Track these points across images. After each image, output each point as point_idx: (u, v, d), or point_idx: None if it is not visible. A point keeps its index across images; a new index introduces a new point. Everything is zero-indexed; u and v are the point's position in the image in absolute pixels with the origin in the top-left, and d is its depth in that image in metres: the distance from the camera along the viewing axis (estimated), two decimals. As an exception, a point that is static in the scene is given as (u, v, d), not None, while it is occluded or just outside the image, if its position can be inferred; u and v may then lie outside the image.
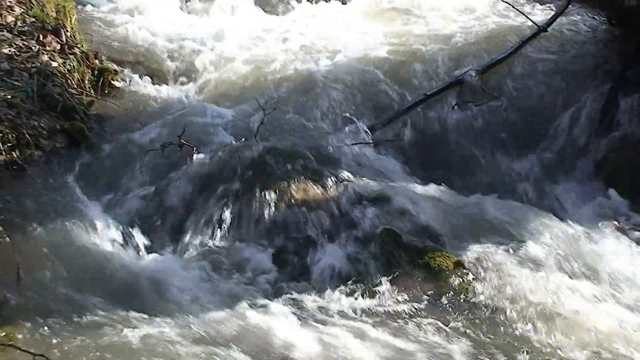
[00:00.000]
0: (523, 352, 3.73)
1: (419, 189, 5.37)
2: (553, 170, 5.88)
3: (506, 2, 7.86)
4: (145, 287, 4.09)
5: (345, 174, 5.11)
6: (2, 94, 5.25)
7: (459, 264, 4.40)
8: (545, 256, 4.40)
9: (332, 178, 5.03)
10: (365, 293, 4.25)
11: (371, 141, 5.89)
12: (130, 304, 3.84)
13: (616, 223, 4.97)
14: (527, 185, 5.79)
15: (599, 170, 5.68)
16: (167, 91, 6.44)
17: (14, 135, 4.98)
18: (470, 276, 4.31)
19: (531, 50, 6.82)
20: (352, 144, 5.73)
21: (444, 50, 6.98)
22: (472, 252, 4.51)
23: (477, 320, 4.00)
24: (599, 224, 4.86)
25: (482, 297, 4.14)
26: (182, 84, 6.73)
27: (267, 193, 4.82)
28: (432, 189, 5.40)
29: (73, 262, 4.07)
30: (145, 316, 3.75)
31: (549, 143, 6.05)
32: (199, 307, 3.97)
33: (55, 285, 3.83)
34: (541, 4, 8.24)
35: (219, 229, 4.74)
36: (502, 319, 3.98)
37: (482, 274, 4.32)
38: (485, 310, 4.06)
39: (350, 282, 4.34)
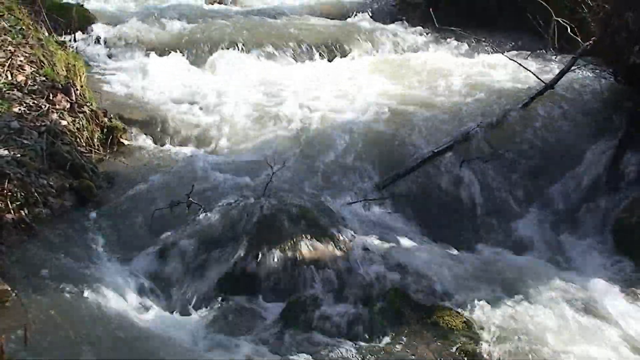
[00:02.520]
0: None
1: (428, 245, 5.37)
2: (561, 227, 5.86)
3: (513, 60, 7.91)
4: (153, 347, 4.05)
5: (353, 232, 5.12)
6: (12, 152, 5.27)
7: (468, 323, 4.37)
8: (554, 316, 4.35)
9: (340, 235, 5.03)
10: (374, 352, 4.20)
11: (379, 198, 5.90)
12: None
13: None
14: (535, 242, 5.76)
15: (607, 229, 5.65)
16: (174, 149, 6.47)
17: (22, 193, 4.99)
18: (479, 336, 4.27)
19: (538, 107, 6.85)
20: (360, 201, 5.75)
21: (450, 107, 7.03)
22: (481, 310, 4.47)
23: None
24: (608, 284, 4.81)
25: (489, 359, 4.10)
26: (190, 141, 6.75)
27: (275, 251, 4.83)
28: (440, 246, 5.41)
29: (81, 323, 4.03)
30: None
31: (557, 200, 6.05)
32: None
33: (63, 348, 3.79)
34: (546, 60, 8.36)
35: (227, 286, 4.73)
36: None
37: (491, 333, 4.28)
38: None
39: (358, 340, 4.28)
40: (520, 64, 7.76)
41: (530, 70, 7.46)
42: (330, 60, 9.10)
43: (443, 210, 6.08)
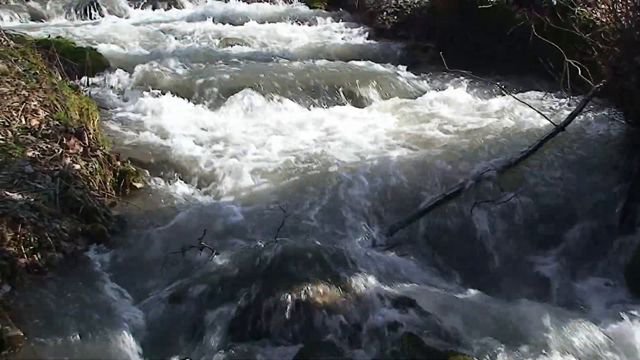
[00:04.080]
0: None
1: (441, 290, 5.32)
2: (575, 270, 5.79)
3: (523, 102, 7.94)
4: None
5: (366, 276, 5.06)
6: (26, 197, 5.30)
7: (482, 369, 4.33)
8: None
9: (353, 281, 4.98)
10: (386, 399, 4.18)
11: (391, 243, 5.89)
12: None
13: None
14: (549, 286, 5.69)
15: (622, 272, 5.61)
16: (186, 192, 6.49)
17: (36, 238, 5.01)
18: (493, 382, 4.24)
19: (549, 148, 6.84)
20: (373, 246, 5.73)
21: (461, 150, 7.03)
22: (496, 356, 4.43)
23: None
24: (627, 328, 4.76)
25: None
26: (202, 185, 6.77)
27: (287, 296, 4.78)
28: (454, 290, 5.36)
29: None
30: None
31: (571, 243, 5.99)
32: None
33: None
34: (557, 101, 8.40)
35: (239, 332, 4.69)
36: None
37: (506, 380, 4.26)
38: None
39: (371, 388, 4.26)
40: (530, 106, 7.79)
41: (540, 112, 7.49)
42: (342, 104, 9.14)
43: (456, 254, 6.04)
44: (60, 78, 7.75)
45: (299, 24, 13.47)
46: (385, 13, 12.92)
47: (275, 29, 12.84)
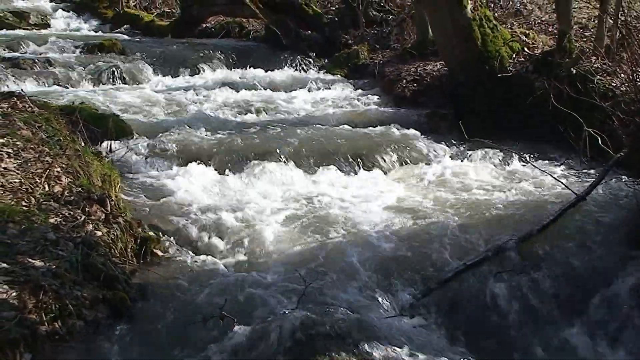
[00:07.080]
0: None
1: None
2: (600, 341, 5.73)
3: (543, 170, 7.95)
4: None
5: (387, 346, 5.02)
6: (48, 264, 5.31)
7: None
8: None
9: (374, 351, 4.94)
10: None
11: (412, 311, 5.85)
12: None
13: None
14: (572, 358, 5.65)
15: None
16: (208, 260, 6.47)
17: (57, 305, 5.00)
18: None
19: (571, 217, 6.82)
20: (393, 315, 5.69)
21: (482, 219, 7.02)
22: None
23: None
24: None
25: None
26: (223, 253, 6.75)
27: (308, 367, 4.76)
28: (474, 360, 5.32)
29: None
30: None
31: (595, 314, 5.92)
32: None
33: None
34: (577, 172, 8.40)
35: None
36: None
37: None
38: None
39: None
40: (550, 175, 7.80)
41: (561, 182, 7.48)
42: (362, 170, 9.20)
43: (476, 323, 5.98)
44: (83, 144, 7.84)
45: (319, 91, 13.59)
46: (404, 81, 13.04)
47: (295, 96, 12.97)
